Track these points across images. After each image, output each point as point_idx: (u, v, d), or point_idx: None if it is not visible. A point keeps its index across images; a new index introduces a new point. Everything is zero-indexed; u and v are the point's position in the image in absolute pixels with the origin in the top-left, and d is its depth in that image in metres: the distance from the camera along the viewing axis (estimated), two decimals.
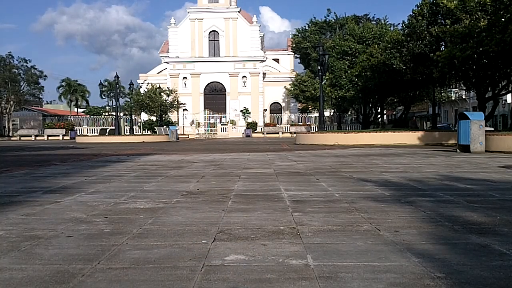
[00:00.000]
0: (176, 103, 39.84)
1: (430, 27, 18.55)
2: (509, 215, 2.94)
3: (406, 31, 20.66)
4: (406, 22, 20.93)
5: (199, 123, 46.41)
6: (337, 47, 30.06)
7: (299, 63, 55.44)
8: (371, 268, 1.83)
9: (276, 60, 55.53)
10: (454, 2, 16.43)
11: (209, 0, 47.85)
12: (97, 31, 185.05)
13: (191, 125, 45.90)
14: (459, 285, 1.63)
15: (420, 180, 4.91)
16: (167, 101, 38.92)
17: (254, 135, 41.91)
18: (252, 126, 43.68)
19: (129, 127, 36.88)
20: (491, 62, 16.52)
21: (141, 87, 45.75)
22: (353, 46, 28.94)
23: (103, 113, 57.82)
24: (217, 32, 48.16)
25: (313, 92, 39.44)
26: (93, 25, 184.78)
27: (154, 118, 41.26)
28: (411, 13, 20.32)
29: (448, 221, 2.75)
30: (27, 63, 46.54)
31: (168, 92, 39.33)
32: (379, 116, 35.17)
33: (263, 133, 42.75)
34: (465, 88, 24.03)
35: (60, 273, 1.81)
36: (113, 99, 32.83)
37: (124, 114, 44.04)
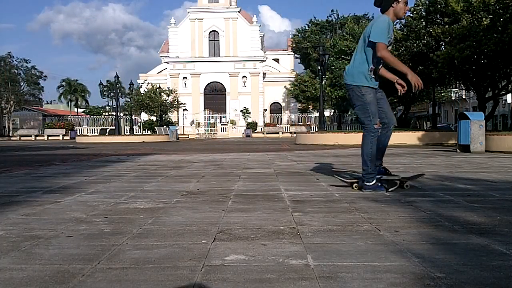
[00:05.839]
0: (176, 103, 39.84)
1: (428, 26, 18.55)
2: (509, 215, 2.94)
3: (404, 30, 20.67)
4: (404, 21, 20.94)
5: (199, 123, 46.40)
6: (336, 46, 30.07)
7: (299, 63, 55.43)
8: (371, 268, 1.83)
9: (276, 60, 55.51)
10: (461, 4, 16.40)
11: (209, 0, 47.81)
12: (95, 30, 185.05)
13: (191, 125, 45.92)
14: (459, 285, 1.63)
15: (420, 180, 4.91)
16: (167, 101, 38.93)
17: (254, 135, 41.91)
18: (252, 126, 43.68)
19: (129, 127, 36.87)
20: (490, 62, 16.52)
21: (141, 87, 45.78)
22: (351, 46, 28.95)
23: (103, 113, 57.82)
24: (217, 32, 48.13)
25: (313, 92, 39.46)
26: (90, 24, 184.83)
27: (154, 118, 41.26)
28: (409, 12, 20.35)
29: (448, 221, 2.75)
30: (27, 63, 46.52)
31: (168, 92, 39.33)
32: None
33: (263, 133, 42.75)
34: (465, 88, 24.04)
35: (60, 273, 1.81)
36: (113, 99, 32.83)
37: (124, 114, 44.03)
